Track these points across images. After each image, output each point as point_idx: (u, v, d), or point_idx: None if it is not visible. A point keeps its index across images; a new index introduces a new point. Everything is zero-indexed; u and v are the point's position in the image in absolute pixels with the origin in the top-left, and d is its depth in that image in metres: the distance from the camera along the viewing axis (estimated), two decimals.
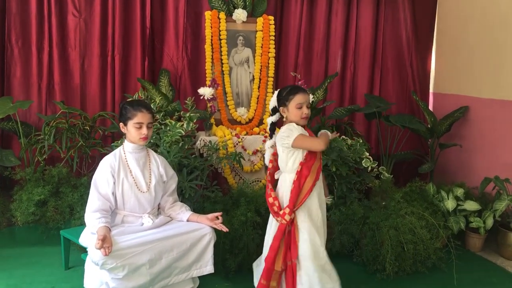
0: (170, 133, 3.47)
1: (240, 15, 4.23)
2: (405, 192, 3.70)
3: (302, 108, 2.63)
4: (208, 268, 2.74)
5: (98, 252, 2.35)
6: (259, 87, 4.31)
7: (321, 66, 4.77)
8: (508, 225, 3.70)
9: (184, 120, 3.68)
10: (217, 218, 2.76)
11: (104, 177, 2.64)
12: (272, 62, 4.34)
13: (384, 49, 4.90)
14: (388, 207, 3.49)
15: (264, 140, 3.94)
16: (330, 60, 4.80)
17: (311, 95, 4.02)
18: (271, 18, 4.32)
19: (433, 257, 3.31)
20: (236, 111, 4.28)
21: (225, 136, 3.89)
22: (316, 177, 2.61)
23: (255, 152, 3.94)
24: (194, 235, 2.69)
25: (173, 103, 3.97)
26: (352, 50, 4.82)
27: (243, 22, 4.27)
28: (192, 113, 3.74)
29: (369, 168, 3.79)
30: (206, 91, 3.81)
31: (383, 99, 4.69)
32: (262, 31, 4.28)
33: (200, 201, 3.44)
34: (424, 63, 5.04)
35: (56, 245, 3.41)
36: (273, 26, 4.33)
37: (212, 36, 4.19)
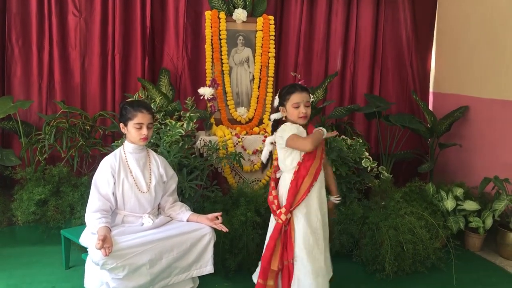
0: (170, 133, 3.47)
1: (240, 15, 4.23)
2: (405, 192, 3.71)
3: (299, 108, 2.59)
4: (208, 268, 2.75)
5: (99, 252, 2.36)
6: (259, 87, 4.31)
7: (321, 66, 4.77)
8: (507, 225, 3.71)
9: (184, 120, 3.68)
10: (217, 218, 2.76)
11: (105, 178, 2.65)
12: (272, 62, 4.34)
13: (384, 49, 4.91)
14: (388, 207, 3.50)
15: (264, 140, 3.95)
16: (330, 60, 4.81)
17: (311, 95, 4.01)
18: (271, 18, 4.33)
19: (433, 257, 3.32)
20: (236, 111, 4.28)
21: (225, 136, 3.90)
22: (314, 178, 2.58)
23: (255, 152, 3.94)
24: (194, 235, 2.70)
25: (173, 103, 3.98)
26: (352, 50, 4.82)
27: (243, 22, 4.27)
28: (192, 113, 3.74)
29: (369, 168, 3.80)
30: (206, 91, 3.82)
31: (383, 99, 4.69)
32: (262, 31, 4.29)
33: (200, 201, 3.45)
34: (424, 63, 5.04)
35: (57, 245, 3.42)
36: (273, 26, 4.33)
37: (212, 36, 4.20)
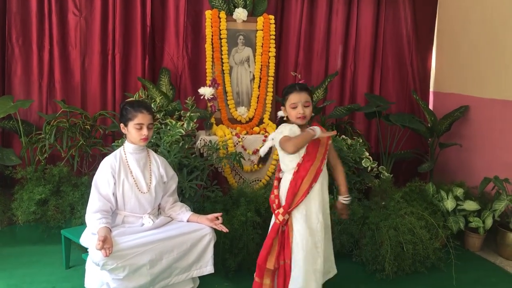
0: (171, 133, 3.47)
1: (241, 14, 4.23)
2: (405, 192, 3.71)
3: (297, 108, 2.56)
4: (208, 268, 2.76)
5: (99, 253, 2.36)
6: (259, 87, 4.30)
7: (321, 65, 4.77)
8: (507, 225, 3.71)
9: (185, 120, 3.68)
10: (217, 219, 2.77)
11: (105, 178, 2.65)
12: (273, 62, 4.33)
13: (385, 48, 4.90)
14: (388, 207, 3.50)
15: (264, 140, 3.95)
16: (330, 59, 4.80)
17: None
18: (272, 17, 4.32)
19: (432, 257, 3.33)
20: (237, 110, 4.28)
21: (225, 136, 3.89)
22: (314, 179, 2.56)
23: (255, 152, 3.94)
24: (195, 236, 2.71)
25: (174, 103, 3.98)
26: (353, 49, 4.82)
27: (244, 21, 4.27)
28: (193, 113, 3.74)
29: (369, 168, 3.80)
30: (207, 91, 3.81)
31: (383, 98, 4.69)
32: (263, 30, 4.28)
33: (200, 201, 3.45)
34: (425, 62, 5.04)
35: (57, 244, 3.43)
36: (274, 25, 4.32)
37: (213, 35, 4.19)
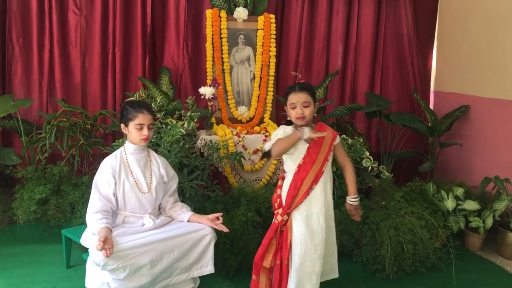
0: (171, 132, 3.47)
1: (241, 14, 4.22)
2: (405, 192, 3.71)
3: (296, 108, 2.53)
4: (209, 269, 2.76)
5: (100, 253, 2.36)
6: (260, 86, 4.30)
7: (322, 65, 4.76)
8: (508, 225, 3.71)
9: (185, 119, 3.68)
10: (218, 219, 2.77)
11: (105, 178, 2.65)
12: (273, 61, 4.33)
13: (385, 48, 4.89)
14: (388, 207, 3.50)
15: (265, 139, 3.95)
16: (331, 59, 4.79)
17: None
18: (272, 17, 4.32)
19: (433, 257, 3.33)
20: (237, 110, 4.28)
21: (226, 135, 3.89)
22: (314, 181, 2.54)
23: (256, 151, 3.94)
24: (195, 236, 2.71)
25: (174, 102, 3.97)
26: (353, 48, 4.81)
27: (244, 21, 4.27)
28: (193, 112, 3.74)
29: (369, 168, 3.80)
30: (207, 91, 3.81)
31: (384, 98, 4.69)
32: (263, 30, 4.28)
33: (201, 201, 3.45)
34: (425, 61, 5.03)
35: (58, 243, 3.42)
36: (274, 25, 4.32)
37: (213, 35, 4.19)
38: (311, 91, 2.59)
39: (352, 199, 2.67)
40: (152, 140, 3.46)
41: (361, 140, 3.99)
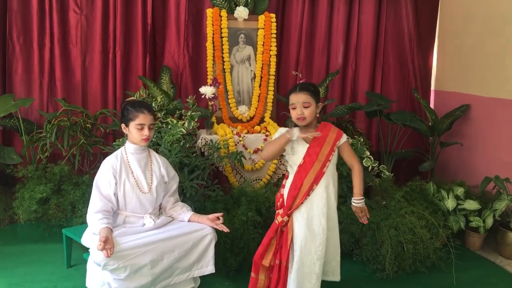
0: (172, 132, 3.47)
1: (242, 13, 4.22)
2: (406, 191, 3.71)
3: (296, 109, 2.51)
4: (209, 268, 2.77)
5: (100, 253, 2.37)
6: (260, 85, 4.30)
7: (323, 64, 4.76)
8: (508, 225, 3.71)
9: (186, 119, 3.68)
10: (218, 219, 2.77)
11: (106, 178, 2.66)
12: (274, 60, 4.32)
13: (386, 46, 4.89)
14: (388, 207, 3.51)
15: (265, 139, 3.95)
16: (332, 58, 4.79)
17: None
18: (273, 16, 4.31)
19: (433, 257, 3.33)
20: (237, 109, 4.27)
21: (226, 135, 3.89)
22: (315, 181, 2.52)
23: (256, 151, 3.94)
24: (196, 236, 2.71)
25: (175, 101, 3.97)
26: (354, 47, 4.80)
27: (245, 20, 4.26)
28: (194, 112, 3.74)
29: (370, 168, 3.80)
30: (207, 90, 3.81)
31: (384, 97, 4.68)
32: (264, 29, 4.27)
33: (201, 200, 3.45)
34: (426, 61, 5.02)
35: (58, 243, 3.43)
36: (275, 24, 4.31)
37: (214, 34, 4.18)
38: (312, 91, 2.54)
39: (356, 201, 2.59)
40: (153, 140, 3.46)
41: (362, 140, 3.98)
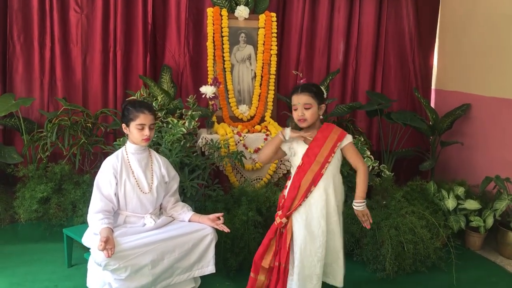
0: (172, 132, 3.47)
1: (242, 12, 4.21)
2: (406, 191, 3.71)
3: (297, 110, 2.48)
4: (210, 268, 2.77)
5: (101, 254, 2.37)
6: (261, 85, 4.30)
7: (323, 63, 4.76)
8: (508, 224, 3.71)
9: (186, 118, 3.68)
10: (219, 219, 2.78)
11: (107, 178, 2.66)
12: (274, 59, 4.32)
13: (387, 46, 4.89)
14: (389, 206, 3.51)
15: (266, 138, 3.95)
16: (332, 57, 4.79)
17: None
18: (273, 15, 4.31)
19: (433, 257, 3.33)
20: (238, 109, 4.27)
21: (227, 134, 3.89)
22: (313, 183, 2.47)
23: (257, 150, 3.94)
24: (196, 236, 2.72)
25: (175, 101, 3.97)
26: (354, 47, 4.80)
27: (245, 19, 4.26)
28: (194, 111, 3.74)
29: (370, 167, 3.80)
30: (208, 90, 3.81)
31: (385, 96, 4.68)
32: (264, 28, 4.27)
33: (202, 200, 3.45)
34: (427, 60, 5.02)
35: (59, 242, 3.43)
36: (275, 23, 4.31)
37: (214, 33, 4.18)
38: (314, 92, 2.48)
39: (356, 204, 2.53)
40: (153, 139, 3.46)
41: (362, 139, 3.98)
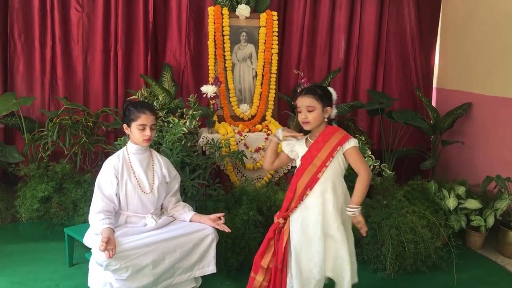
0: (173, 131, 3.47)
1: (243, 11, 4.21)
2: (407, 191, 3.71)
3: (301, 113, 2.43)
4: (211, 268, 2.78)
5: (102, 254, 2.37)
6: (262, 84, 4.29)
7: (324, 62, 4.75)
8: (509, 224, 3.71)
9: (187, 118, 3.68)
10: (220, 219, 2.78)
11: (108, 179, 2.66)
12: (275, 58, 4.31)
13: (388, 45, 4.88)
14: (390, 206, 3.50)
15: (267, 138, 3.95)
16: (333, 56, 4.79)
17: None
18: (275, 14, 4.30)
19: (434, 256, 3.33)
20: (239, 108, 4.27)
21: (228, 134, 3.89)
22: (308, 185, 2.42)
23: (258, 150, 3.94)
24: (197, 236, 2.72)
25: (176, 100, 3.97)
26: (356, 45, 4.79)
27: (246, 18, 4.25)
28: (195, 111, 3.74)
29: (371, 167, 3.80)
30: (209, 89, 3.80)
31: (386, 95, 4.68)
32: (266, 27, 4.26)
33: (203, 200, 3.45)
34: (428, 59, 5.01)
35: (60, 241, 3.43)
36: (277, 22, 4.29)
37: (215, 32, 4.17)
38: (318, 95, 2.42)
39: (348, 208, 2.42)
40: (154, 139, 3.46)
41: (363, 138, 3.99)
